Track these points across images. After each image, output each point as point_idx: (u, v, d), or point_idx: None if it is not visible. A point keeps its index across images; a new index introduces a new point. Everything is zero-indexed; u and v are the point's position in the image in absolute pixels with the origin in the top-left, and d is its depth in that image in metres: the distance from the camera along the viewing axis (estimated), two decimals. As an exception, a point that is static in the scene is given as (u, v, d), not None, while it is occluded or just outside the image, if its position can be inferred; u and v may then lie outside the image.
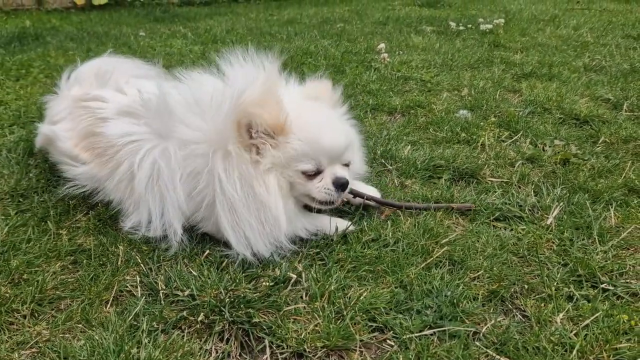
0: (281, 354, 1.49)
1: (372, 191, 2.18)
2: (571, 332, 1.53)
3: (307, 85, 2.11)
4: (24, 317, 1.58)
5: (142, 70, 2.74)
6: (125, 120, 2.06)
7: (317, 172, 1.89)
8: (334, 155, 1.91)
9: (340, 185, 1.90)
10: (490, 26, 5.79)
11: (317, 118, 1.94)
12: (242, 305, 1.60)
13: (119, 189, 2.01)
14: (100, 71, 2.54)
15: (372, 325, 1.57)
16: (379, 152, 2.67)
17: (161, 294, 1.67)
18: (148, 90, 2.10)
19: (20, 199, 2.24)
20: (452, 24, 5.94)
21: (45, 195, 2.24)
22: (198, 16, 7.50)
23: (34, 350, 1.47)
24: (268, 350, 1.50)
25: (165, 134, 1.90)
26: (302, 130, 1.84)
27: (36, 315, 1.61)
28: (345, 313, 1.59)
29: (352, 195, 2.13)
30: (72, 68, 2.71)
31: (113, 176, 2.01)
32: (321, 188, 1.89)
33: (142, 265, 1.81)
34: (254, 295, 1.65)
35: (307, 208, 1.99)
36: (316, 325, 1.55)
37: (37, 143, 2.48)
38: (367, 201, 2.14)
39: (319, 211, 1.99)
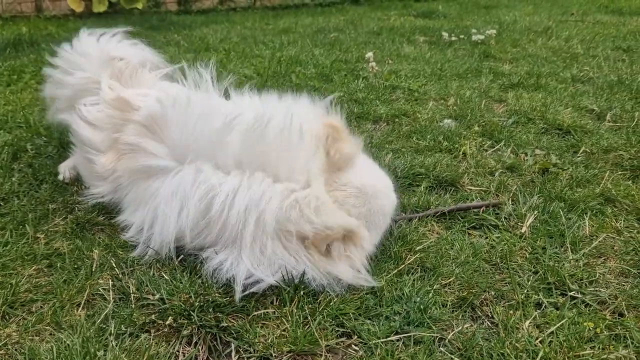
0: (248, 357, 1.50)
1: None
2: (536, 339, 1.54)
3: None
4: (-5, 319, 1.60)
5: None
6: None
7: None
8: None
9: None
10: (482, 37, 5.81)
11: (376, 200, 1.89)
12: (211, 310, 1.61)
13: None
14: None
15: (339, 331, 1.58)
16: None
17: (132, 298, 1.68)
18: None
19: (1, 203, 2.25)
20: (445, 35, 5.98)
21: (25, 199, 2.26)
22: (194, 24, 7.55)
23: (1, 352, 1.48)
24: (235, 354, 1.51)
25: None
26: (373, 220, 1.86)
27: (7, 317, 1.62)
28: (313, 318, 1.60)
29: None
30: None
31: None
32: None
33: (116, 269, 1.83)
34: (224, 299, 1.66)
35: None
36: (284, 330, 1.57)
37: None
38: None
39: None
